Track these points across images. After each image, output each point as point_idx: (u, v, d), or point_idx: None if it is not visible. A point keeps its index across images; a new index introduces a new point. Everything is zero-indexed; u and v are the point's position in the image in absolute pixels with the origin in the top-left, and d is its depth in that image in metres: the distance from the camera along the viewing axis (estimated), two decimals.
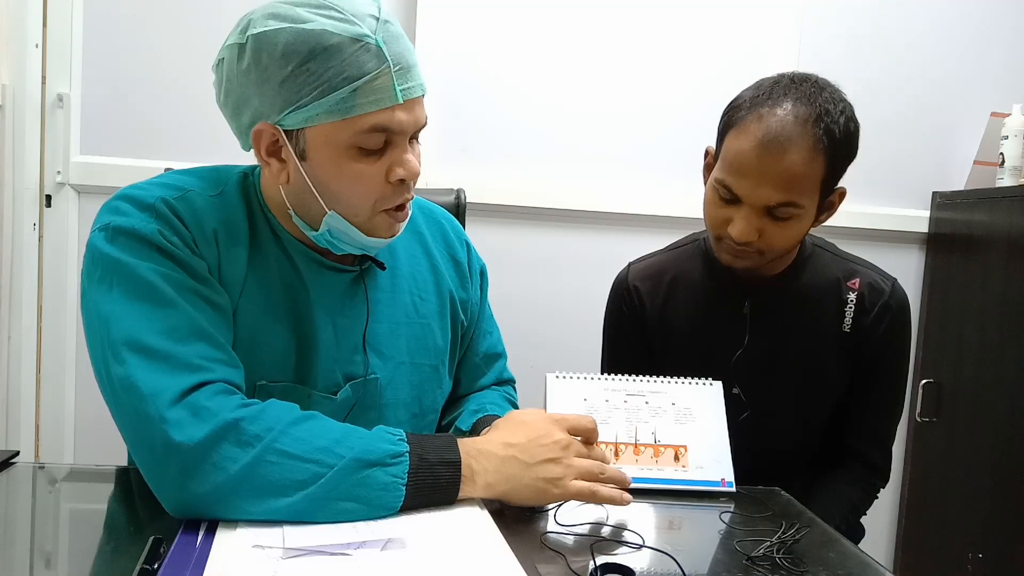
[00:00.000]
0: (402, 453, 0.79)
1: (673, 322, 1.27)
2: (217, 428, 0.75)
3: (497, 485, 0.83)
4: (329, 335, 0.95)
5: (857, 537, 1.27)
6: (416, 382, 1.04)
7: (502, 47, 1.94)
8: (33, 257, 1.81)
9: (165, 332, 0.80)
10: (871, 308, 1.21)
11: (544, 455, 0.84)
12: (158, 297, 0.81)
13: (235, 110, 0.88)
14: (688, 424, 1.04)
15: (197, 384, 0.78)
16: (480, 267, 1.17)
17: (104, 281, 0.82)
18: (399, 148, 0.87)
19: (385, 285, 1.02)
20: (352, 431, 0.80)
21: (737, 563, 0.78)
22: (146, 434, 0.76)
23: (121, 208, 0.86)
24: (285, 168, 0.88)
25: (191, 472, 0.74)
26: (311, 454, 0.76)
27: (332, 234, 0.91)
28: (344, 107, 0.82)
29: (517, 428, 0.87)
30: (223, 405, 0.77)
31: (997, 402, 1.88)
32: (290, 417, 0.79)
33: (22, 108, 1.75)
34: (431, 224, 1.12)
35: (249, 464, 0.74)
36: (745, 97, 1.10)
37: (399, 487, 0.78)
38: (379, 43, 0.82)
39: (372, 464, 0.77)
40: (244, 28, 0.84)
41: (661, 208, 2.00)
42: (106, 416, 0.81)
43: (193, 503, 0.75)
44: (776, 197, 1.05)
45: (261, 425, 0.76)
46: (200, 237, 0.87)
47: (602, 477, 0.86)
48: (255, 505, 0.74)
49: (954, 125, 2.16)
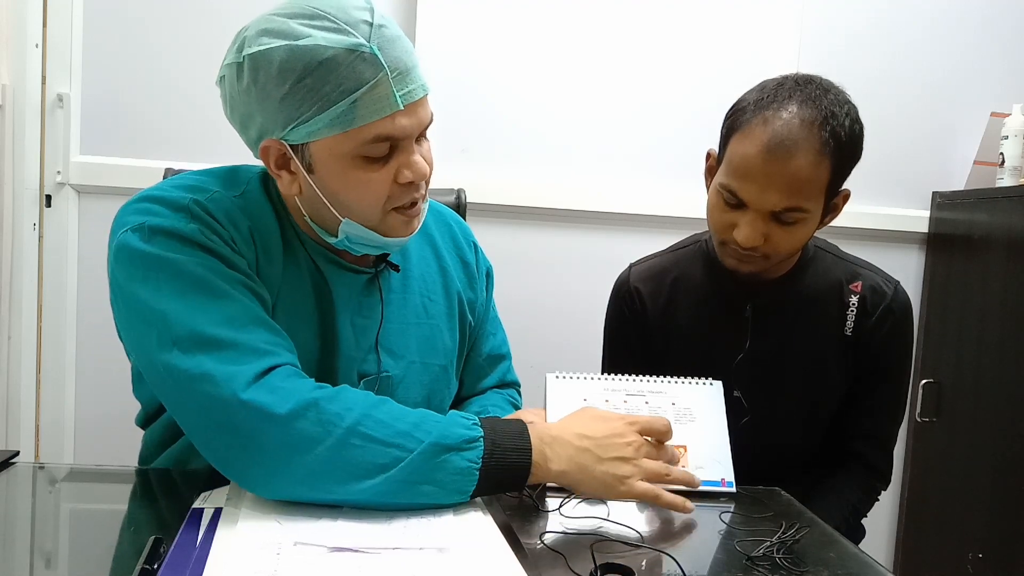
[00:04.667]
0: (477, 438, 0.81)
1: (674, 324, 1.27)
2: (297, 406, 0.76)
3: (570, 473, 0.84)
4: (348, 334, 0.96)
5: (857, 539, 1.26)
6: (426, 382, 1.05)
7: (502, 47, 1.94)
8: (33, 257, 1.81)
9: (225, 321, 0.80)
10: (873, 311, 1.20)
11: (617, 453, 0.86)
12: (210, 289, 0.82)
13: (242, 125, 0.88)
14: (688, 424, 1.03)
15: (269, 368, 0.79)
16: (487, 268, 1.18)
17: (150, 280, 0.82)
18: (405, 152, 0.87)
19: (396, 286, 1.03)
20: (428, 415, 0.82)
21: (737, 563, 0.78)
22: (226, 420, 0.76)
23: (152, 209, 0.85)
24: (296, 180, 0.89)
25: (278, 453, 0.76)
26: (393, 438, 0.78)
27: (350, 239, 0.92)
28: (345, 120, 0.82)
29: (593, 422, 0.89)
30: (298, 386, 0.79)
31: (997, 402, 1.88)
32: (368, 400, 0.81)
33: (22, 108, 1.75)
34: (440, 225, 1.13)
35: (335, 446, 0.76)
36: (749, 100, 1.08)
37: (474, 471, 0.79)
38: (375, 51, 0.81)
39: (450, 448, 0.79)
40: (239, 47, 0.84)
41: (662, 208, 2.00)
42: (106, 416, 0.81)
43: (284, 483, 0.76)
44: (782, 202, 1.04)
45: (340, 405, 0.78)
46: (239, 236, 0.88)
47: (667, 479, 0.88)
48: (341, 486, 0.76)
49: (954, 125, 2.16)
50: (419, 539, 0.74)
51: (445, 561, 0.70)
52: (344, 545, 0.71)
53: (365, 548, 0.71)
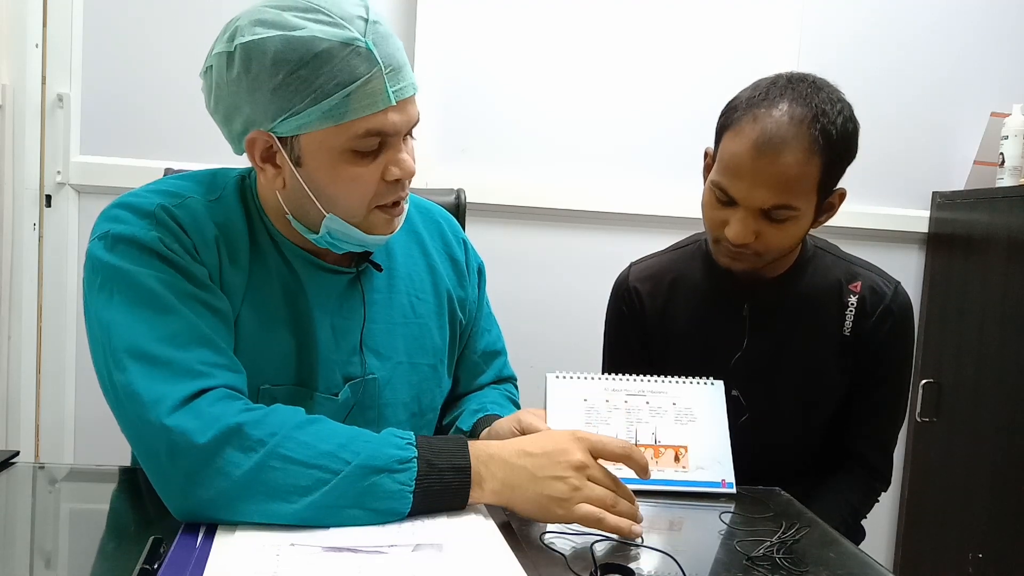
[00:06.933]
0: (410, 459, 0.77)
1: (673, 323, 1.27)
2: (220, 433, 0.74)
3: (502, 492, 0.80)
4: (328, 337, 0.95)
5: (858, 540, 1.26)
6: (415, 382, 1.04)
7: (502, 48, 1.94)
8: (33, 257, 1.81)
9: (166, 339, 0.79)
10: (872, 312, 1.20)
11: (553, 472, 0.79)
12: (159, 304, 0.81)
13: (226, 117, 0.87)
14: (689, 424, 1.03)
15: (199, 391, 0.77)
16: (478, 264, 1.17)
17: (104, 289, 0.82)
18: (394, 148, 0.87)
19: (381, 286, 1.02)
20: (359, 435, 0.79)
21: (737, 563, 0.78)
22: (150, 441, 0.75)
23: (120, 216, 0.85)
24: (280, 174, 0.88)
25: (195, 478, 0.74)
26: (315, 459, 0.75)
27: (332, 236, 0.91)
28: (338, 113, 0.81)
29: (540, 440, 0.83)
30: (226, 410, 0.76)
31: (997, 402, 1.88)
32: (294, 421, 0.78)
33: (22, 108, 1.75)
34: (428, 223, 1.12)
35: (253, 469, 0.74)
36: (742, 98, 1.08)
37: (407, 494, 0.76)
38: (369, 46, 0.81)
39: (379, 471, 0.76)
40: (231, 36, 0.83)
41: (661, 208, 2.00)
42: (106, 416, 0.81)
43: (198, 508, 0.74)
44: (771, 199, 1.04)
45: (264, 429, 0.76)
46: (201, 243, 0.87)
47: (613, 509, 0.79)
48: (259, 508, 0.74)
49: (954, 125, 2.16)
50: (416, 537, 0.73)
51: (443, 559, 0.70)
52: (340, 545, 0.71)
53: (361, 547, 0.71)
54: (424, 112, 2.12)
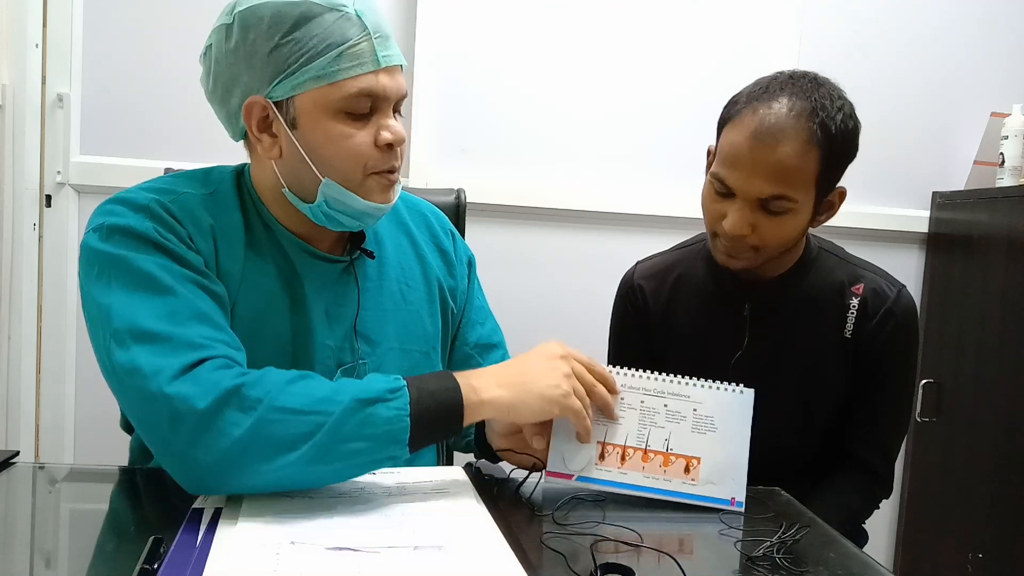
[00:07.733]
0: (400, 387, 0.81)
1: (675, 321, 1.27)
2: (219, 396, 0.76)
3: (502, 396, 0.85)
4: (323, 323, 0.97)
5: (860, 544, 1.25)
6: (406, 368, 1.04)
7: (502, 47, 1.94)
8: (33, 257, 1.81)
9: (165, 316, 0.81)
10: (874, 314, 1.19)
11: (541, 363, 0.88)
12: (157, 286, 0.83)
13: (224, 93, 0.91)
14: (708, 434, 0.95)
15: (198, 360, 0.79)
16: (468, 257, 1.18)
17: (103, 276, 0.84)
18: (384, 114, 0.91)
19: (372, 274, 1.04)
20: (347, 381, 0.83)
21: (737, 563, 0.78)
22: (151, 412, 0.77)
23: (115, 210, 0.88)
24: (277, 142, 0.91)
25: (197, 442, 0.75)
26: (311, 405, 0.77)
27: (329, 204, 0.92)
28: (329, 71, 0.86)
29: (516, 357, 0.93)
30: (224, 376, 0.78)
31: (997, 402, 1.88)
32: (287, 377, 0.81)
33: (22, 108, 1.75)
34: (415, 215, 1.14)
35: (253, 425, 0.75)
36: (743, 93, 1.10)
37: (404, 418, 0.79)
38: (359, 13, 0.88)
39: (372, 401, 0.78)
40: (231, 9, 0.89)
41: (662, 208, 2.00)
42: (106, 416, 0.81)
43: (206, 476, 0.76)
44: (768, 189, 1.05)
45: (261, 389, 0.78)
46: (196, 233, 0.89)
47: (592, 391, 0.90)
48: (266, 464, 0.76)
49: (954, 125, 2.16)
50: (416, 537, 0.74)
51: (443, 559, 0.70)
52: (341, 544, 0.71)
53: (362, 547, 0.71)
54: (424, 112, 2.12)
